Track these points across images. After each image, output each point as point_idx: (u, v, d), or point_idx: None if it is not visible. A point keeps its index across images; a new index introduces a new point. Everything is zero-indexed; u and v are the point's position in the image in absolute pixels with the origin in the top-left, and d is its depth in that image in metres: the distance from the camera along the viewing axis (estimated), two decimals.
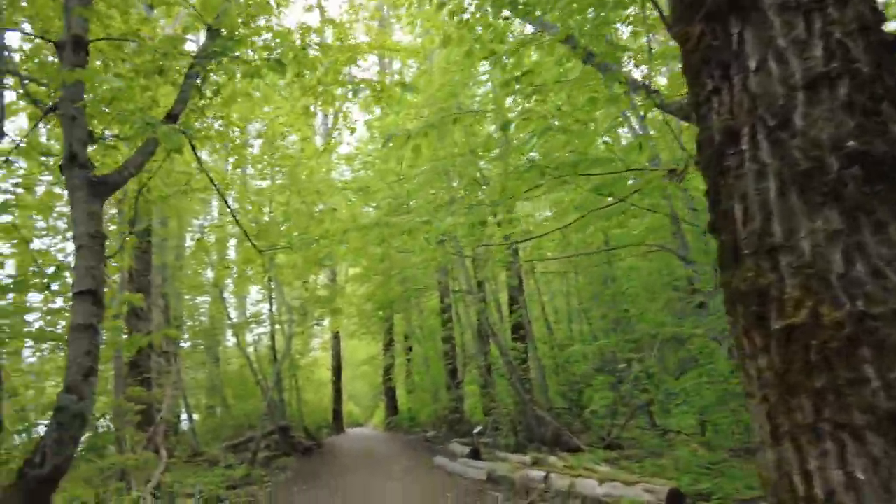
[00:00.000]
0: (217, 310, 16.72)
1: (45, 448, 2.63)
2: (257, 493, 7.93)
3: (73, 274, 2.85)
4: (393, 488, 8.06)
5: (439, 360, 17.84)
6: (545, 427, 10.89)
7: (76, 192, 3.06)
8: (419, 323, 19.60)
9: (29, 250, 4.37)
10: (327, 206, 6.49)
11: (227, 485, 8.12)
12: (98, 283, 2.95)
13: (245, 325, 16.25)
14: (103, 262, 3.02)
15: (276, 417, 13.42)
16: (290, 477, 9.67)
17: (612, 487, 6.32)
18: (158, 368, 9.34)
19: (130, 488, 6.80)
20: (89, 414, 2.82)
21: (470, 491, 7.64)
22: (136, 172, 3.44)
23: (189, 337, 17.34)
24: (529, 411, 11.22)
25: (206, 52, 3.79)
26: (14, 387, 4.65)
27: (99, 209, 3.10)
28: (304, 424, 16.66)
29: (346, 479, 9.10)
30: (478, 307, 11.91)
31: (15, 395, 4.26)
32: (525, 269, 14.50)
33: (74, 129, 3.14)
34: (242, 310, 19.58)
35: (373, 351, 27.44)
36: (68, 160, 3.11)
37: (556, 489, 7.09)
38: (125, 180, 3.36)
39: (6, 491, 2.56)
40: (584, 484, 6.74)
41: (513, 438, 11.97)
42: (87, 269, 2.93)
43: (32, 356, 8.46)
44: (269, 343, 16.56)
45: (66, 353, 8.68)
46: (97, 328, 2.92)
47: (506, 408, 13.22)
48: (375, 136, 13.41)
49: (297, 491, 8.28)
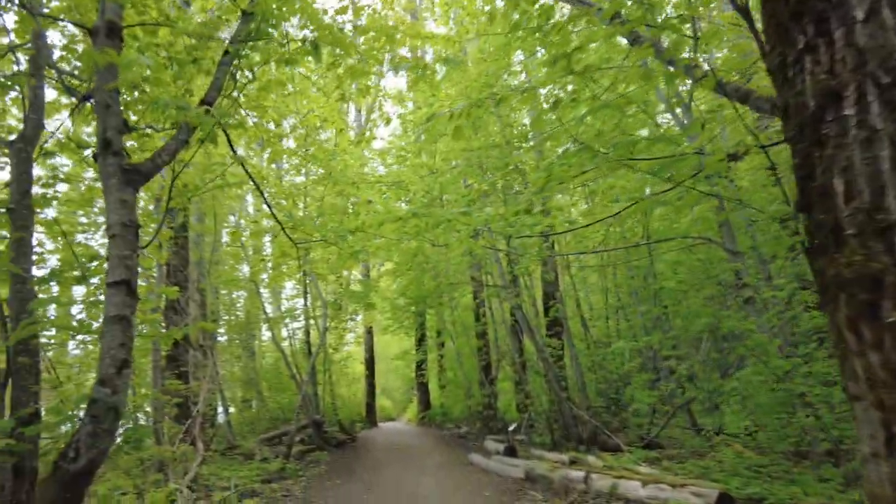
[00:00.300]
0: (253, 305, 16.92)
1: (78, 442, 2.57)
2: (292, 487, 7.91)
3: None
4: (428, 485, 7.94)
5: (472, 356, 17.71)
6: (583, 426, 10.63)
7: (109, 181, 3.00)
8: (452, 319, 19.49)
9: (69, 245, 4.38)
10: (361, 199, 6.39)
11: (262, 479, 8.13)
12: (132, 273, 2.88)
13: (280, 320, 16.39)
14: (137, 251, 2.96)
15: (311, 411, 13.48)
16: (324, 471, 9.66)
17: (656, 490, 6.06)
18: (195, 362, 9.44)
19: (168, 480, 6.85)
20: (123, 407, 2.75)
21: (507, 490, 7.46)
22: (169, 161, 3.37)
23: (225, 331, 17.62)
24: (566, 409, 10.97)
25: (241, 36, 3.70)
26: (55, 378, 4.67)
27: (132, 198, 3.03)
28: (337, 418, 16.75)
29: (380, 475, 9.03)
30: (512, 302, 11.70)
31: (57, 386, 4.26)
32: (561, 265, 14.21)
33: (108, 117, 3.08)
34: (278, 305, 19.76)
35: (405, 346, 27.53)
36: (102, 148, 3.06)
37: (597, 490, 6.86)
38: (158, 169, 3.29)
39: (41, 484, 2.51)
40: (626, 485, 6.50)
41: (549, 436, 11.74)
42: (121, 258, 2.86)
43: (76, 349, 8.66)
44: (304, 337, 16.70)
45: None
46: (130, 320, 2.85)
47: (541, 405, 12.99)
48: (409, 132, 13.32)
49: (330, 486, 8.24)
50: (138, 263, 2.99)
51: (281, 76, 5.32)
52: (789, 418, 6.35)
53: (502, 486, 7.78)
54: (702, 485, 5.84)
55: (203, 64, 4.02)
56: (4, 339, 3.45)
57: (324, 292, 15.72)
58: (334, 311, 15.60)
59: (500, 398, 17.48)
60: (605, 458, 8.86)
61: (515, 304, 11.63)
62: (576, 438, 10.74)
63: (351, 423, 18.87)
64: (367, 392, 22.09)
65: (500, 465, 8.93)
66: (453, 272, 15.67)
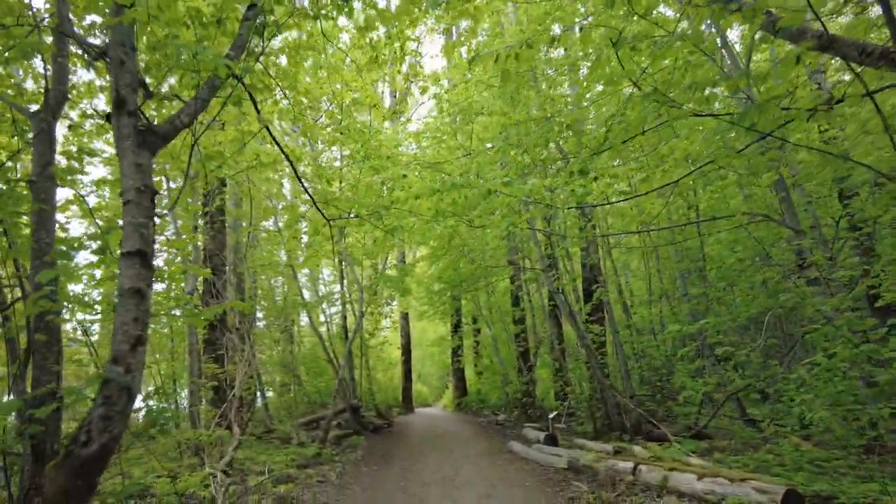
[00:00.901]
0: (291, 290, 16.96)
1: (90, 425, 2.36)
2: (328, 472, 7.75)
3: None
4: (467, 473, 7.67)
5: (509, 343, 17.40)
6: (626, 414, 10.19)
7: (123, 142, 2.77)
8: (488, 304, 19.20)
9: (90, 212, 4.23)
10: (396, 175, 6.08)
11: (298, 463, 8.00)
12: (147, 242, 2.64)
13: (318, 304, 16.37)
14: (153, 219, 2.72)
15: (348, 396, 13.42)
16: (361, 457, 9.50)
17: (713, 484, 5.62)
18: (231, 346, 9.39)
19: (203, 464, 6.77)
20: (138, 388, 2.53)
21: (550, 480, 7.12)
22: (189, 123, 3.13)
23: (263, 316, 17.73)
24: (609, 397, 10.54)
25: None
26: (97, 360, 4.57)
27: (148, 161, 2.79)
28: (374, 403, 16.73)
29: (417, 461, 8.82)
30: (552, 287, 11.27)
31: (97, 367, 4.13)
32: (602, 249, 13.69)
33: (122, 74, 2.84)
34: (315, 290, 19.82)
35: (441, 332, 27.46)
36: (116, 107, 2.82)
37: (646, 482, 6.46)
38: (177, 131, 3.05)
39: (51, 470, 2.31)
40: (679, 478, 6.07)
41: (590, 425, 11.35)
42: (135, 226, 2.62)
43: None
44: (341, 322, 16.68)
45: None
46: (146, 293, 2.61)
47: (582, 393, 12.58)
48: (444, 113, 12.96)
49: (366, 472, 8.06)
50: (154, 232, 2.75)
51: (311, 41, 5.04)
52: (860, 411, 5.79)
53: (544, 475, 7.45)
54: (764, 480, 5.38)
55: (227, 25, 3.75)
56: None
57: (360, 277, 15.59)
58: (370, 296, 15.48)
59: (538, 386, 17.14)
60: (651, 449, 8.43)
61: (555, 289, 11.20)
62: (619, 427, 10.32)
63: (388, 407, 18.86)
64: (404, 377, 22.14)
65: (541, 454, 8.59)
66: (490, 256, 15.34)
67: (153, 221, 2.75)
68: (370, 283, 16.28)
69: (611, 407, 10.52)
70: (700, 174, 4.78)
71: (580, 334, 10.86)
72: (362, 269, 18.96)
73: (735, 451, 8.33)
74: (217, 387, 8.76)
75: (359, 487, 7.01)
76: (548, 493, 6.44)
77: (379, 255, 15.71)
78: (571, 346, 15.03)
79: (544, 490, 6.57)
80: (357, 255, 16.08)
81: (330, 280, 22.09)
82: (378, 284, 15.65)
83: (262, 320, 17.57)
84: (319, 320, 17.53)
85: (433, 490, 6.72)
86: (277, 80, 5.20)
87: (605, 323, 13.15)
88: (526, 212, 5.42)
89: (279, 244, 14.54)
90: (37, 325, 3.30)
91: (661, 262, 14.16)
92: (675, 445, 8.36)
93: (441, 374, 31.57)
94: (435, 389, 32.25)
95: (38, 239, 3.49)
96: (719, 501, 5.42)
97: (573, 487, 6.66)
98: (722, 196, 8.70)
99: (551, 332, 14.76)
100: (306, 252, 12.24)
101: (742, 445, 8.66)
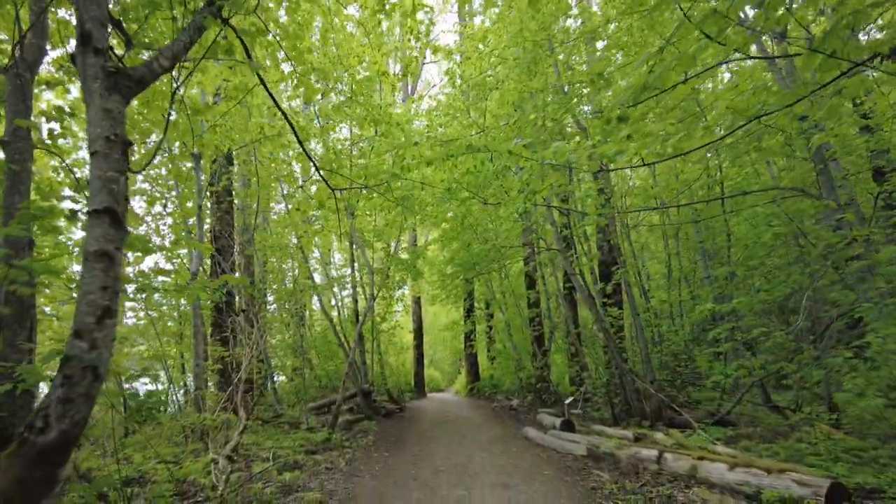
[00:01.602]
0: (302, 274, 16.67)
1: (48, 409, 2.02)
2: (337, 459, 7.46)
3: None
4: (481, 461, 7.34)
5: (523, 327, 17.04)
6: (647, 400, 9.79)
7: (90, 85, 2.39)
8: (501, 288, 18.84)
9: (69, 171, 3.89)
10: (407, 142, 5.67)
11: (307, 449, 7.71)
12: (117, 198, 2.28)
13: (328, 287, 16.07)
14: (125, 174, 2.36)
15: (359, 380, 13.15)
16: (372, 442, 9.21)
17: (747, 475, 5.23)
18: (239, 328, 9.10)
19: (207, 449, 6.49)
20: (105, 366, 2.18)
21: (569, 468, 6.76)
22: (169, 67, 2.75)
23: (274, 300, 17.49)
24: (628, 382, 10.15)
25: None
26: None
27: (119, 107, 2.41)
28: (386, 387, 16.49)
29: (430, 447, 8.51)
30: (569, 269, 10.84)
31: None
32: (621, 230, 13.19)
33: (88, 4, 2.46)
34: (326, 273, 19.55)
35: (453, 317, 27.21)
36: (81, 44, 2.43)
37: (673, 472, 6.08)
38: (155, 75, 2.68)
39: (4, 459, 1.98)
40: (708, 468, 5.68)
41: (608, 411, 10.98)
42: (103, 181, 2.26)
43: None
44: (352, 305, 16.41)
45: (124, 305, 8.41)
46: (116, 257, 2.25)
47: (599, 378, 12.20)
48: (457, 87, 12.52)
49: (377, 458, 7.76)
50: (127, 188, 2.39)
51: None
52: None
53: (562, 463, 7.10)
54: (804, 471, 4.97)
55: None
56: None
57: (371, 260, 15.28)
58: (382, 279, 15.15)
59: (553, 371, 16.79)
60: (674, 436, 8.04)
61: (572, 271, 10.77)
62: (639, 413, 9.94)
63: (400, 392, 18.65)
64: (416, 362, 21.96)
65: (557, 441, 8.24)
66: (505, 237, 14.95)
67: (125, 176, 2.38)
68: (382, 266, 15.97)
69: (630, 392, 10.13)
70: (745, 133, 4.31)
71: (598, 317, 10.45)
72: (373, 251, 18.62)
73: (763, 438, 7.93)
74: (223, 370, 8.48)
75: (368, 475, 6.70)
76: (567, 482, 6.09)
77: (391, 236, 15.37)
78: (587, 329, 14.62)
79: (563, 479, 6.21)
80: (368, 237, 15.74)
81: (341, 264, 21.84)
82: (389, 267, 15.31)
83: (273, 304, 17.34)
84: (330, 304, 17.27)
85: (445, 478, 6.40)
86: (277, 35, 4.81)
87: (623, 306, 12.72)
88: (549, 176, 5.01)
89: (289, 227, 14.21)
90: (10, 299, 2.97)
91: (680, 243, 13.65)
92: (700, 433, 7.97)
93: (453, 359, 31.38)
94: (447, 374, 32.11)
95: (9, 204, 3.16)
96: (755, 494, 5.02)
97: (594, 476, 6.30)
98: (753, 171, 8.20)
99: (566, 316, 14.36)
100: (312, 227, 11.91)
101: (769, 433, 8.25)
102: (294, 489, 5.77)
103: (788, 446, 7.00)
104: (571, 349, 14.38)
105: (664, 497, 5.36)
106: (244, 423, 7.03)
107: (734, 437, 8.04)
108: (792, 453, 6.66)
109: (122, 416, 4.87)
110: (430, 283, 19.04)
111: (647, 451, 6.55)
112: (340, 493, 5.78)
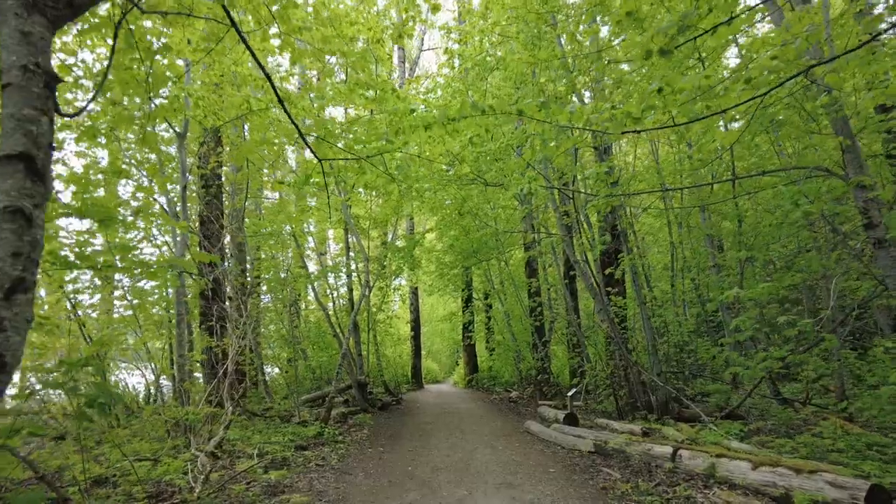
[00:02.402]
0: (296, 263, 16.18)
1: None
2: (329, 455, 7.01)
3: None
4: (483, 457, 6.91)
5: (523, 318, 16.61)
6: (654, 392, 9.37)
7: (4, 1, 1.93)
8: (500, 277, 18.40)
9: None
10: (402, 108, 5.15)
11: (297, 444, 7.25)
12: (36, 143, 1.81)
13: (322, 275, 15.57)
14: (49, 114, 1.89)
15: (354, 372, 12.71)
16: (367, 436, 8.77)
17: (773, 474, 4.80)
18: (226, 316, 8.62)
19: (189, 446, 6.04)
20: (15, 356, 1.72)
21: (576, 466, 6.33)
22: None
23: (267, 290, 17.01)
24: (633, 374, 9.73)
25: None
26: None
27: (42, 31, 1.94)
28: (382, 379, 16.08)
29: (428, 442, 8.07)
30: (572, 257, 10.38)
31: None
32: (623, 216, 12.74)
33: None
34: (321, 263, 19.07)
35: (451, 308, 26.82)
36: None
37: (689, 470, 5.65)
38: (94, 0, 2.21)
39: None
40: (729, 466, 5.26)
41: (612, 404, 10.56)
42: (18, 121, 1.80)
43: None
44: (347, 295, 15.97)
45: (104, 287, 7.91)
46: (33, 216, 1.79)
47: (602, 370, 11.79)
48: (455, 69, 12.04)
49: (372, 454, 7.31)
50: (52, 132, 1.92)
51: None
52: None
53: (569, 460, 6.67)
54: (837, 471, 4.54)
55: None
56: None
57: (366, 248, 14.81)
58: (378, 269, 14.69)
59: (553, 362, 16.40)
60: (683, 430, 7.63)
61: (575, 258, 10.32)
62: (645, 406, 9.53)
63: (396, 383, 18.25)
64: (413, 353, 21.57)
65: (562, 436, 7.82)
66: (505, 222, 14.51)
67: (50, 117, 1.91)
68: (378, 255, 15.50)
69: (635, 384, 9.72)
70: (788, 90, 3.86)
71: (602, 307, 10.00)
72: (369, 240, 18.13)
73: (777, 432, 7.55)
74: (210, 361, 8.02)
75: (362, 473, 6.26)
76: (575, 481, 5.66)
77: (388, 222, 14.89)
78: (590, 319, 14.21)
79: (571, 478, 5.78)
80: (363, 225, 15.27)
81: (336, 254, 21.36)
82: (386, 257, 14.84)
83: (266, 293, 16.87)
84: (326, 294, 16.79)
85: (445, 476, 5.96)
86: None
87: (626, 295, 12.30)
88: (567, 138, 4.54)
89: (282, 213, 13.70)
90: None
91: (685, 231, 13.20)
92: (712, 427, 7.56)
93: (451, 350, 31.02)
94: (445, 366, 31.77)
95: None
96: (784, 496, 4.60)
97: (604, 475, 5.88)
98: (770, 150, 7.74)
99: (568, 306, 13.93)
100: (299, 205, 11.40)
101: (782, 426, 7.87)
102: (280, 489, 5.32)
103: (807, 442, 6.60)
104: (573, 340, 13.96)
105: (682, 498, 4.94)
106: (229, 416, 6.58)
107: (747, 432, 7.65)
108: (812, 450, 6.26)
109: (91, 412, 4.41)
110: (427, 273, 18.57)
111: (660, 448, 6.13)
112: (331, 494, 5.33)
